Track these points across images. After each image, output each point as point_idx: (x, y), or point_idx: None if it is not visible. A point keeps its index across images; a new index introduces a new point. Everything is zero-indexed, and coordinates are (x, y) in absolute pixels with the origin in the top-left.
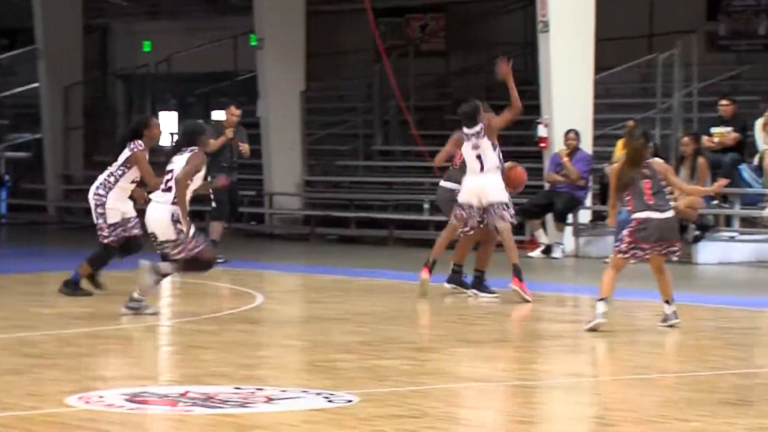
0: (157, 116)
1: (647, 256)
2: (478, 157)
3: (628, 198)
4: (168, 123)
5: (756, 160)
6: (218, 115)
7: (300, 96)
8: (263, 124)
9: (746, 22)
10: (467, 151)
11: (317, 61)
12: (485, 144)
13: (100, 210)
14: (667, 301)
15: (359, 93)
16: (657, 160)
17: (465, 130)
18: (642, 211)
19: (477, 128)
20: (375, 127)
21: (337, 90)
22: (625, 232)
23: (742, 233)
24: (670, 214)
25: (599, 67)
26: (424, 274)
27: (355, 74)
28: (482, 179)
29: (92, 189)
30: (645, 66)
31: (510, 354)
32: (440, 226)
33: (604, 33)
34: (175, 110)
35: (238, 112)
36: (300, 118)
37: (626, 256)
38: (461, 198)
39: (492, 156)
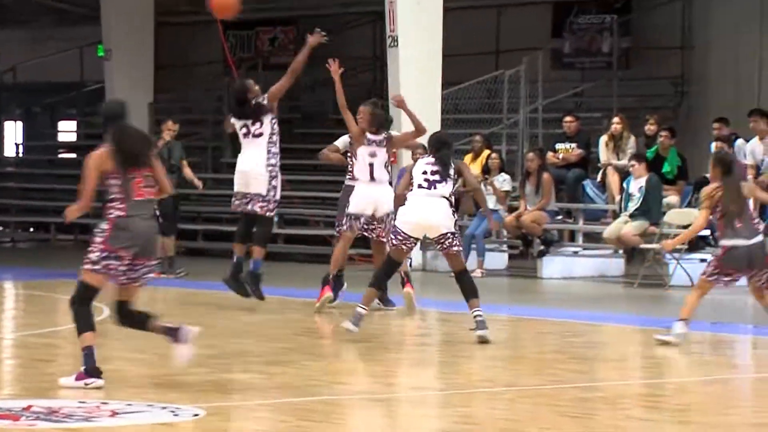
0: (2, 126)
1: (734, 282)
2: (371, 165)
3: (719, 219)
4: (12, 133)
5: (599, 176)
6: (64, 125)
7: (148, 108)
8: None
9: (590, 40)
10: (363, 156)
11: (166, 73)
12: (383, 155)
13: None
14: None
15: (209, 105)
16: (748, 183)
17: (369, 135)
18: (731, 238)
19: (381, 136)
20: (224, 140)
21: (186, 102)
22: (713, 257)
23: (585, 248)
24: (758, 239)
25: (447, 83)
26: (327, 293)
27: (205, 86)
28: (376, 189)
29: None
30: (491, 82)
31: (359, 367)
32: (288, 239)
33: (452, 49)
34: (20, 120)
35: (175, 126)
36: (148, 130)
37: (711, 279)
38: (354, 207)
39: (383, 169)
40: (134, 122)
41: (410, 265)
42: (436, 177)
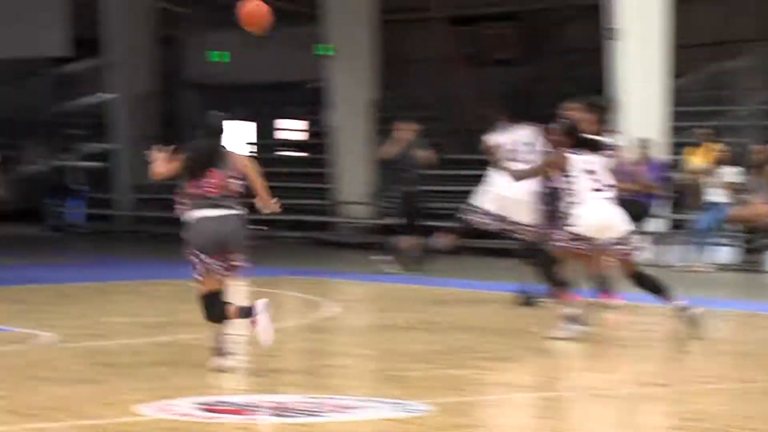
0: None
1: None
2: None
3: None
4: (239, 132)
5: None
6: (285, 124)
7: (370, 105)
8: (333, 134)
9: None
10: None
11: (388, 70)
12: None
13: None
14: None
15: (432, 101)
16: None
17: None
18: None
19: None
20: (448, 135)
21: (410, 98)
22: None
23: None
24: None
25: (672, 75)
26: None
27: (428, 82)
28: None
29: None
30: (717, 74)
31: (582, 363)
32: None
33: (679, 39)
34: (246, 119)
35: (413, 126)
36: (369, 127)
37: None
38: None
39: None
40: (356, 119)
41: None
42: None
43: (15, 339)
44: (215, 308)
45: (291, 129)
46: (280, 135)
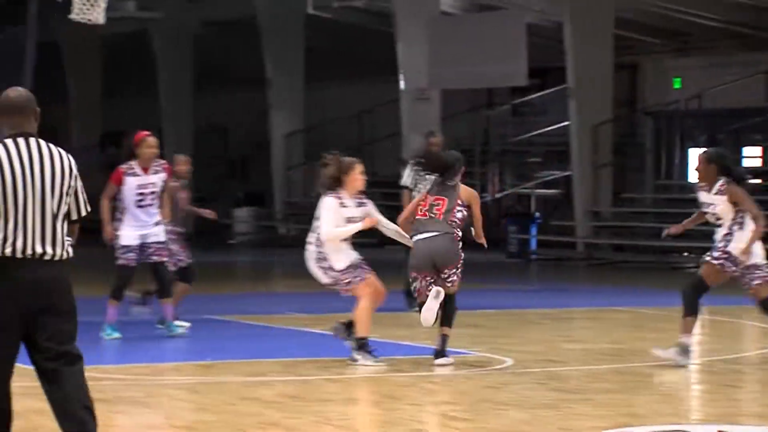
0: (686, 154)
1: None
2: None
3: None
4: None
5: None
6: (748, 151)
7: None
8: None
9: None
10: None
11: None
12: None
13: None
14: None
15: None
16: None
17: None
18: None
19: None
20: None
21: None
22: None
23: None
24: None
25: None
26: None
27: None
28: None
29: None
30: None
31: None
32: None
33: None
34: (705, 147)
35: None
36: None
37: None
38: None
39: None
40: None
41: None
42: None
43: (474, 363)
44: None
45: (752, 156)
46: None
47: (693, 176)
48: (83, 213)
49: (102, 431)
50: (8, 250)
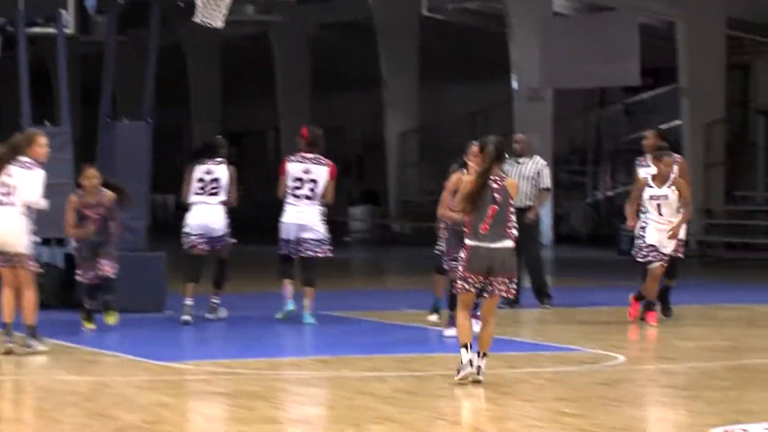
0: None
1: None
2: None
3: None
4: None
5: None
6: None
7: None
8: None
9: None
10: None
11: None
12: None
13: None
14: None
15: None
16: None
17: None
18: None
19: None
20: None
21: None
22: None
23: None
24: None
25: None
26: None
27: None
28: None
29: None
30: None
31: None
32: None
33: None
34: None
35: None
36: None
37: None
38: None
39: None
40: None
41: None
42: None
43: (586, 359)
44: None
45: None
46: None
47: None
48: None
49: (222, 424)
50: None
